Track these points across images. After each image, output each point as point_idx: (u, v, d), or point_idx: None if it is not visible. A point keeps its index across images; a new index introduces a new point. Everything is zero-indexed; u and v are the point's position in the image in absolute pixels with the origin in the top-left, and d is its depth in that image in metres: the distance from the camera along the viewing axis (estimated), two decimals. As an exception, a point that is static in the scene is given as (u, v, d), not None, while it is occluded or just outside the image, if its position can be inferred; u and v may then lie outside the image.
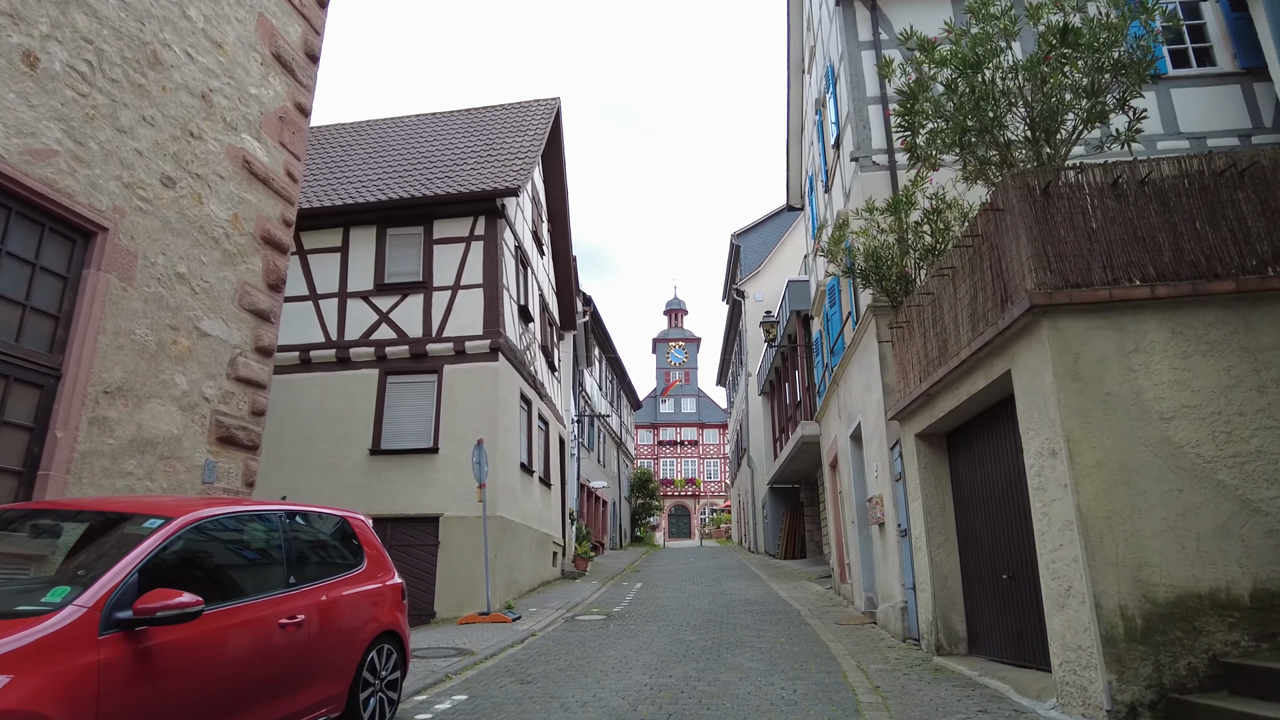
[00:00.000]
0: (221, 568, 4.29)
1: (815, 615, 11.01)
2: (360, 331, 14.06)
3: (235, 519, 4.45)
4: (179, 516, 3.96)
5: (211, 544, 4.20)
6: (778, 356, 22.20)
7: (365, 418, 13.53)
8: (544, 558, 16.40)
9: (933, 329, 7.30)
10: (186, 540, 3.95)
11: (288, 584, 4.55)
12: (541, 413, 17.04)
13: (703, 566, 22.41)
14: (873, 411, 9.59)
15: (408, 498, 12.99)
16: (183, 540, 3.92)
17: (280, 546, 4.64)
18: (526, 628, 10.51)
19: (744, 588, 15.50)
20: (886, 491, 9.03)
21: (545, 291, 18.87)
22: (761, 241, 31.70)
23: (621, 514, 37.29)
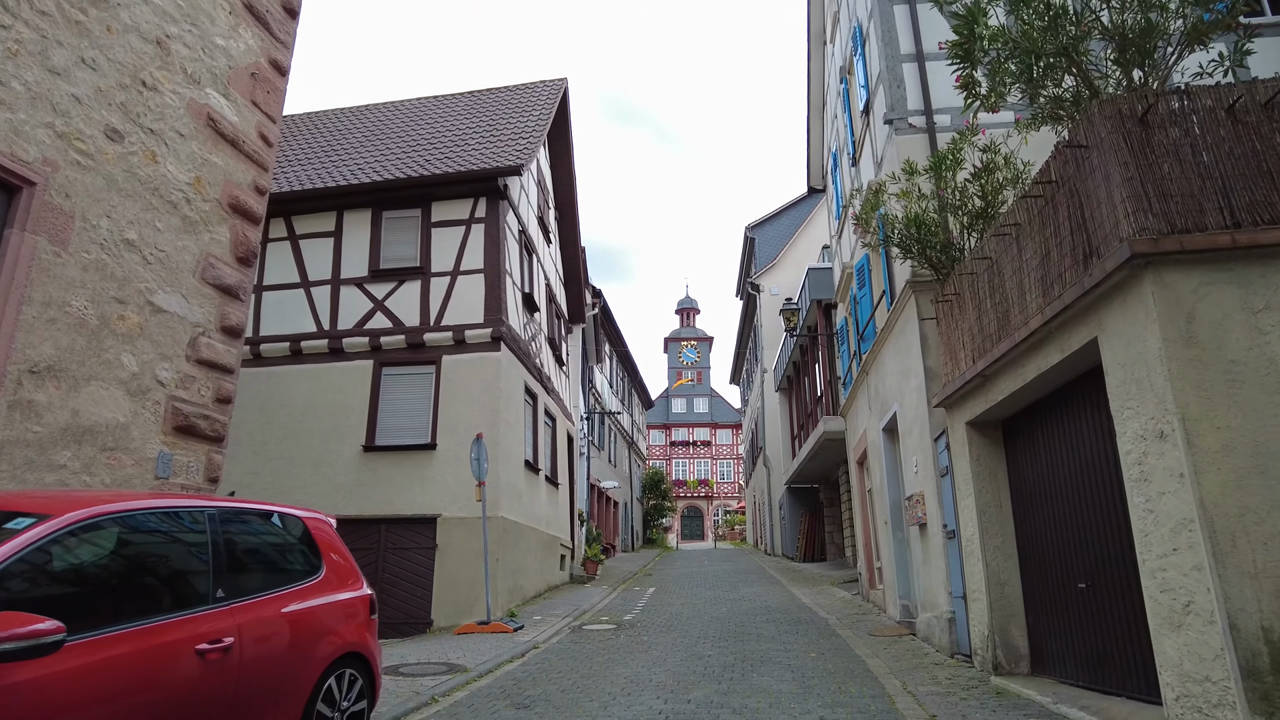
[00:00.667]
0: (116, 580, 3.38)
1: (845, 625, 10.03)
2: (354, 320, 13.20)
3: (143, 518, 3.55)
4: (59, 514, 3.06)
5: (103, 550, 3.30)
6: (796, 349, 21.21)
7: (359, 412, 12.67)
8: (551, 561, 15.49)
9: (989, 300, 6.33)
10: (65, 546, 3.05)
11: (214, 599, 3.65)
12: (548, 408, 16.14)
13: (718, 570, 21.44)
14: (912, 399, 8.62)
15: (403, 497, 12.11)
16: (60, 545, 3.02)
17: (205, 552, 3.74)
18: (529, 639, 9.59)
19: (763, 593, 14.53)
20: (929, 488, 8.06)
21: (552, 282, 17.98)
22: (777, 234, 30.71)
23: (633, 515, 36.36)
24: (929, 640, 8.10)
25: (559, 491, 16.70)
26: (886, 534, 10.35)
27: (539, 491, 14.76)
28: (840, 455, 18.71)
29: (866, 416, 11.47)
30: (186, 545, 3.70)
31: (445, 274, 13.21)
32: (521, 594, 13.07)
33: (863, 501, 12.62)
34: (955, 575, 7.39)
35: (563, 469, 17.39)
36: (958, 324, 7.10)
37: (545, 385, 15.86)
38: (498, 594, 11.63)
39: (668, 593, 15.29)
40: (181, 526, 3.72)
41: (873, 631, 9.29)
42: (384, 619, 11.57)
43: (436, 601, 11.55)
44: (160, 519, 3.64)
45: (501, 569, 11.90)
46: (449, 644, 9.40)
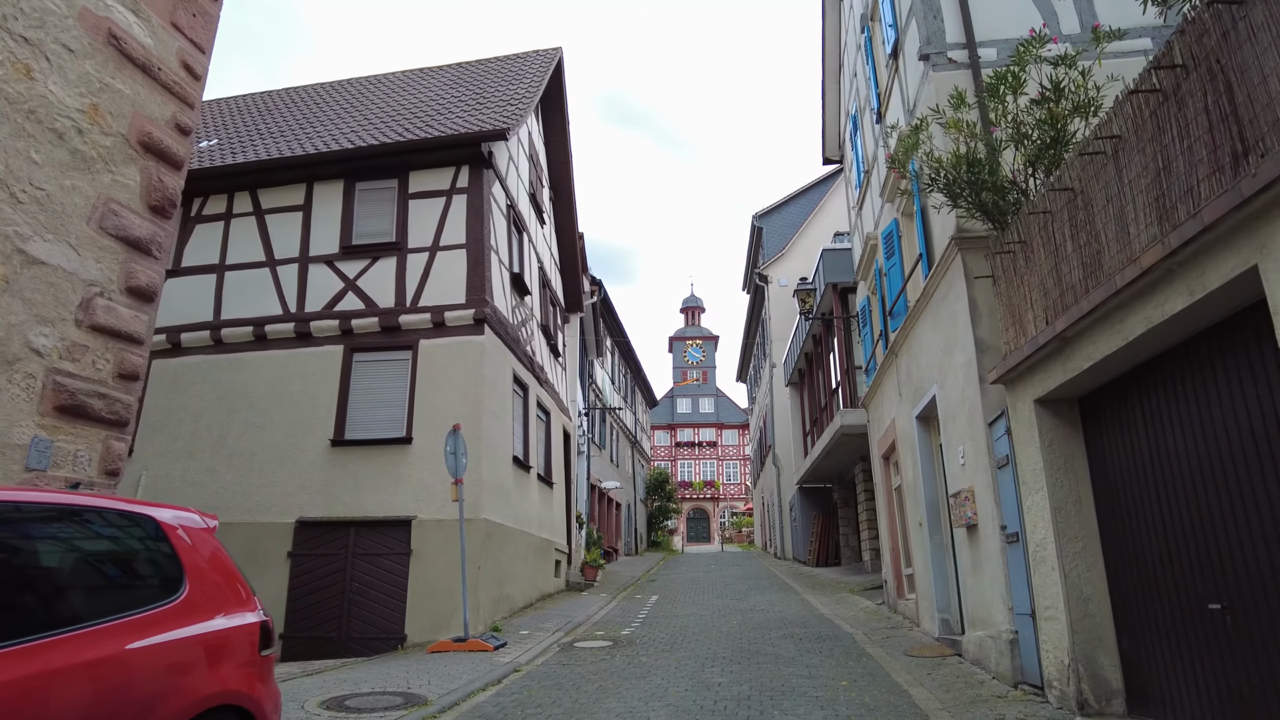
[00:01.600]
0: None
1: (875, 641, 8.71)
2: (323, 302, 11.93)
3: None
4: None
5: None
6: (809, 340, 19.88)
7: (327, 402, 11.39)
8: (544, 567, 14.19)
9: (1072, 241, 5.02)
10: None
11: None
12: (541, 400, 14.85)
13: (726, 575, 20.11)
14: (957, 379, 7.30)
15: (375, 497, 10.83)
16: None
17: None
18: (510, 660, 8.29)
19: (777, 602, 13.20)
20: (981, 482, 6.73)
21: (546, 266, 16.70)
22: (785, 223, 29.39)
23: (637, 517, 35.05)
24: (981, 664, 6.77)
25: (553, 492, 15.40)
26: (920, 537, 9.03)
27: (529, 491, 13.46)
28: (858, 452, 17.39)
29: (895, 404, 10.15)
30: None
31: (423, 250, 11.94)
32: (509, 604, 11.76)
33: (889, 500, 11.29)
34: (1018, 587, 6.06)
35: (558, 467, 16.10)
36: (1023, 280, 5.79)
37: (538, 376, 14.57)
38: (479, 606, 10.34)
39: (672, 602, 13.97)
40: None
41: (909, 651, 7.96)
42: (352, 634, 10.30)
43: (411, 614, 10.27)
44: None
45: (484, 577, 10.61)
46: (416, 665, 8.10)
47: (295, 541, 10.77)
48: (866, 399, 12.45)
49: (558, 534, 15.60)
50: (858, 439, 16.08)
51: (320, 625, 10.37)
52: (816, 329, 18.70)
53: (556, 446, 16.14)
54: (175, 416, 11.68)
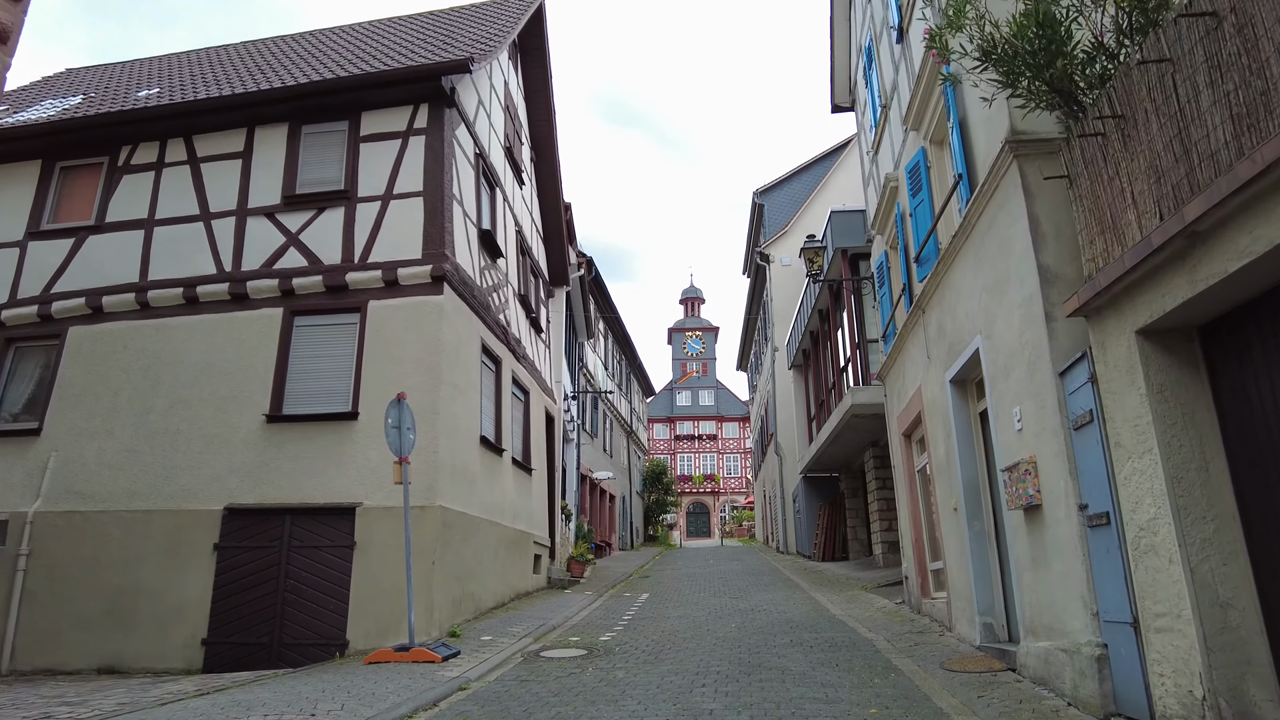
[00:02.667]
0: None
1: (901, 650, 7.21)
2: (262, 259, 10.41)
3: None
4: None
5: None
6: (814, 317, 18.36)
7: (263, 373, 9.89)
8: (519, 563, 12.68)
9: (1211, 91, 3.49)
10: None
11: None
12: (518, 377, 13.33)
13: (725, 570, 18.61)
14: (1012, 322, 5.78)
15: (316, 481, 9.33)
16: None
17: None
18: (458, 674, 6.80)
19: (782, 601, 11.70)
20: (1049, 450, 5.21)
21: (527, 233, 15.17)
22: (788, 199, 27.85)
23: (633, 510, 33.56)
24: (1049, 684, 5.25)
25: (532, 479, 13.89)
26: (956, 524, 7.52)
27: (502, 477, 11.95)
28: (869, 435, 15.89)
29: (921, 370, 8.63)
30: None
31: (375, 199, 10.41)
32: (474, 605, 10.26)
33: (910, 484, 9.78)
34: (1108, 585, 4.55)
35: (538, 452, 14.59)
36: (1119, 170, 4.26)
37: (514, 350, 13.05)
38: (433, 607, 8.84)
39: (664, 601, 12.47)
40: None
41: (947, 664, 6.45)
42: (286, 640, 8.81)
43: (354, 617, 8.77)
44: None
45: (441, 574, 9.10)
46: (341, 682, 6.59)
47: (223, 532, 9.27)
48: (883, 371, 10.92)
49: (537, 526, 14.09)
50: (870, 420, 14.59)
51: (250, 630, 8.88)
52: (823, 302, 17.17)
53: (537, 430, 14.63)
54: (92, 390, 10.19)
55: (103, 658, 9.01)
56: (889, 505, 16.31)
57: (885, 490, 16.42)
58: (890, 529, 16.20)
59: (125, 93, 13.75)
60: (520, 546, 12.71)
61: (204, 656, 8.86)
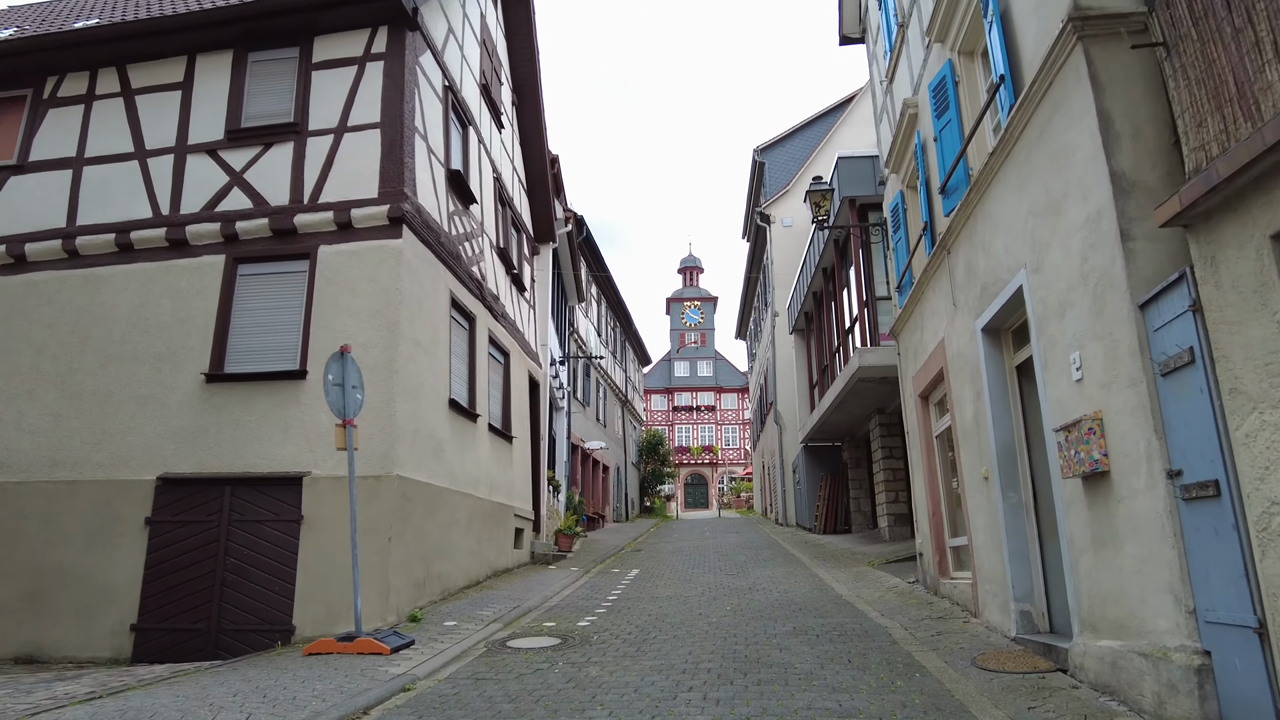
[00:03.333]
0: None
1: (922, 641, 6.21)
2: (203, 201, 9.28)
3: None
4: None
5: None
6: (818, 276, 17.23)
7: (202, 327, 8.80)
8: (497, 537, 11.69)
9: None
10: None
11: None
12: (496, 337, 12.24)
13: (722, 544, 17.68)
14: (1071, 248, 4.68)
15: (260, 447, 8.29)
16: None
17: None
18: (404, 670, 5.80)
19: (782, 579, 10.73)
20: (1123, 402, 4.15)
21: (508, 182, 13.99)
22: (789, 157, 26.57)
23: (628, 481, 32.66)
24: (1118, 694, 4.22)
25: (513, 447, 12.85)
26: (986, 495, 6.49)
27: (475, 444, 10.90)
28: (875, 401, 14.86)
29: (945, 320, 7.54)
30: None
31: (328, 132, 9.25)
32: (441, 585, 9.27)
33: (928, 451, 8.74)
34: (1212, 575, 3.52)
35: (520, 419, 13.54)
36: (1251, 17, 3.14)
37: (491, 307, 11.94)
38: (392, 589, 7.84)
39: (654, 578, 11.50)
40: None
41: (980, 660, 5.44)
42: (225, 626, 7.82)
43: (302, 599, 7.78)
44: None
45: (400, 552, 8.09)
46: (267, 680, 5.59)
47: (156, 504, 8.25)
48: (897, 327, 9.84)
49: (519, 497, 13.09)
50: (877, 385, 13.54)
51: (185, 614, 7.89)
52: (828, 259, 16.04)
53: (519, 395, 13.57)
54: (13, 348, 9.11)
55: (20, 646, 8.02)
56: (896, 475, 15.32)
57: (892, 459, 15.42)
58: (897, 500, 15.23)
59: (61, 25, 12.48)
60: (498, 520, 11.71)
61: (134, 644, 7.88)
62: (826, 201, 11.32)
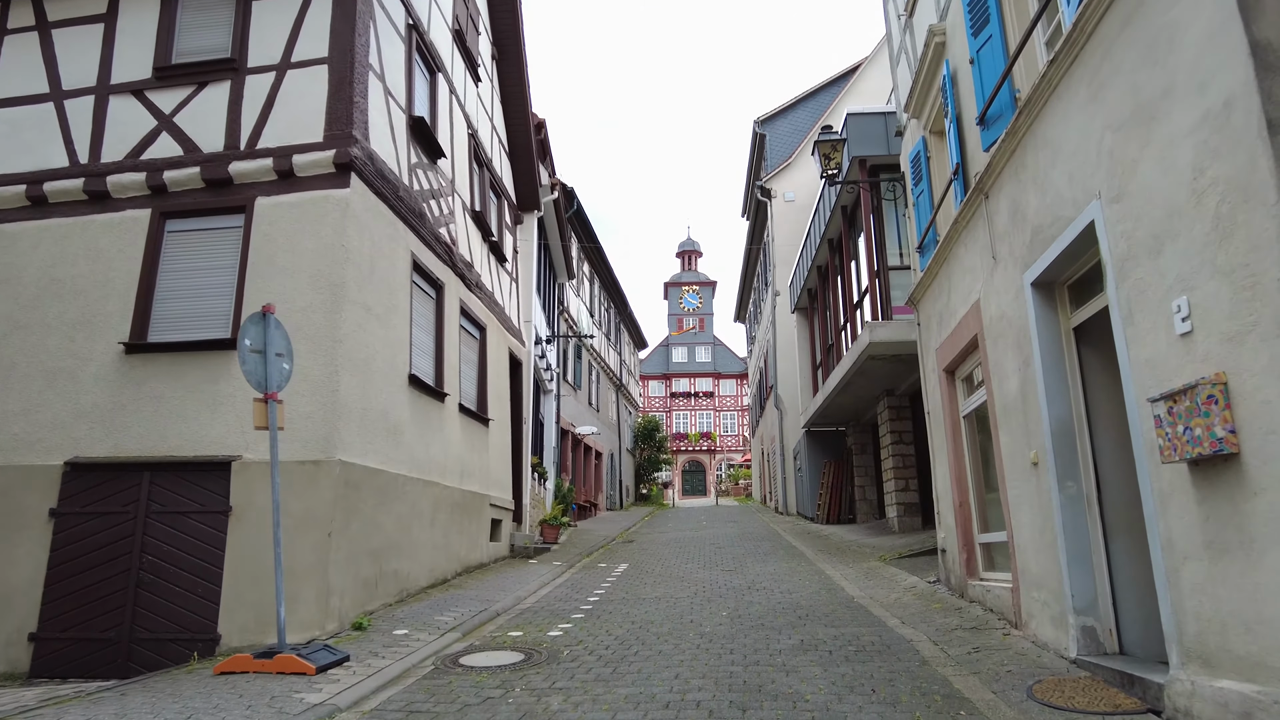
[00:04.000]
0: None
1: (959, 661, 5.13)
2: (127, 148, 8.13)
3: None
4: None
5: None
6: (823, 248, 16.08)
7: (123, 291, 7.68)
8: (470, 529, 10.59)
9: None
10: None
11: None
12: (470, 309, 11.10)
13: (719, 535, 16.62)
14: (1170, 166, 3.57)
15: (184, 427, 7.18)
16: None
17: None
18: (327, 698, 4.71)
19: (785, 576, 9.66)
20: (1258, 360, 3.05)
21: (486, 141, 12.82)
22: (792, 129, 25.35)
23: (622, 468, 31.61)
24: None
25: (489, 432, 11.74)
26: (1035, 484, 5.39)
27: (443, 427, 9.79)
28: (884, 382, 13.76)
29: (982, 279, 6.41)
30: None
31: (269, 69, 8.09)
32: (400, 585, 8.17)
33: (954, 433, 7.63)
34: None
35: (498, 400, 12.43)
36: None
37: (463, 275, 10.80)
38: (333, 592, 6.75)
39: (643, 574, 10.43)
40: None
41: (1038, 691, 4.35)
42: (140, 636, 6.73)
43: (230, 604, 6.69)
44: None
45: (344, 549, 7.00)
46: (153, 709, 4.49)
47: (63, 494, 7.15)
48: (917, 294, 8.71)
49: (496, 486, 11.99)
50: (888, 364, 12.45)
51: (93, 621, 6.80)
52: (834, 230, 14.89)
53: (498, 374, 12.45)
54: (-92, 314, 7.97)
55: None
56: (906, 462, 14.25)
57: (902, 445, 14.34)
58: (907, 489, 14.17)
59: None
60: (471, 511, 10.61)
61: (32, 656, 6.80)
62: (837, 154, 10.16)
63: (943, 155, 7.94)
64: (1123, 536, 4.83)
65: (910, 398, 14.44)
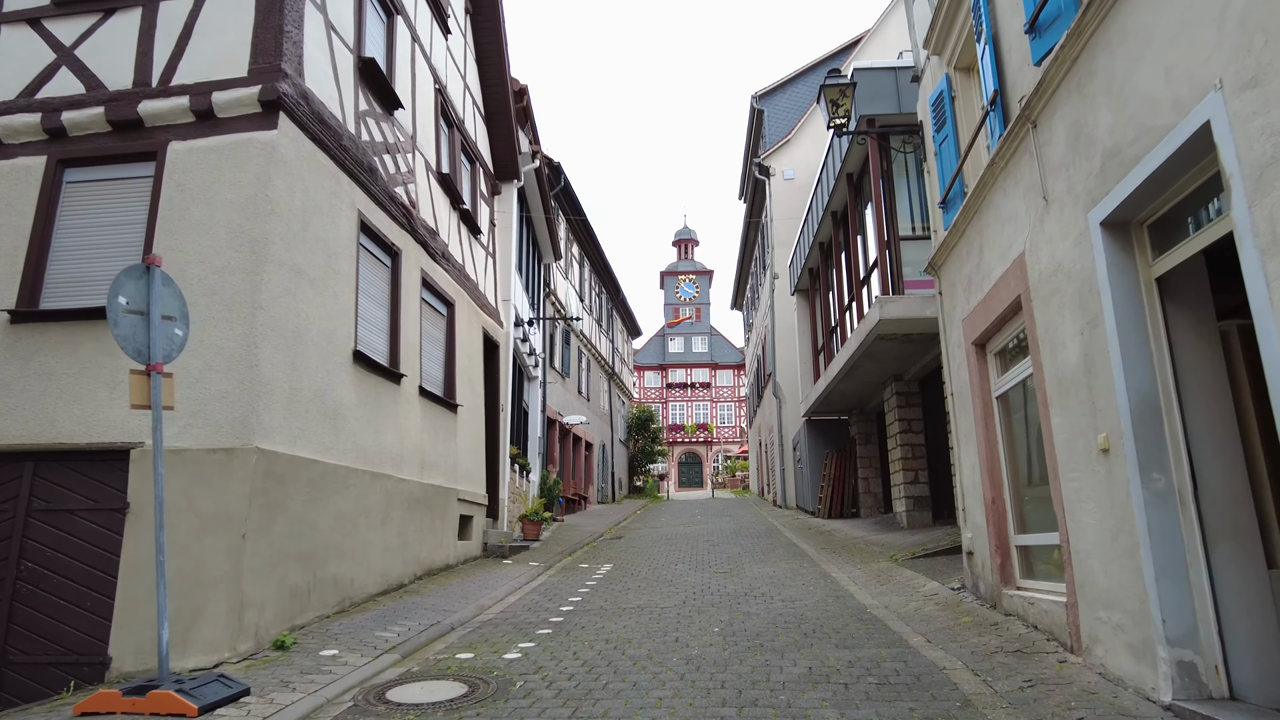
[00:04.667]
0: None
1: (1012, 702, 4.05)
2: (19, 86, 6.99)
3: None
4: None
5: None
6: (826, 222, 14.96)
7: (11, 251, 6.55)
8: (433, 527, 9.48)
9: None
10: None
11: None
12: (434, 281, 9.97)
13: (713, 530, 15.55)
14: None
15: (78, 410, 6.06)
16: None
17: None
18: (191, 756, 3.59)
19: (786, 579, 8.58)
20: None
21: (457, 99, 11.66)
22: (791, 104, 24.19)
23: (614, 460, 30.53)
24: None
25: (458, 418, 10.62)
26: (1106, 476, 4.30)
27: (399, 412, 8.66)
28: (893, 365, 12.68)
29: (1027, 226, 5.29)
30: None
31: (185, -8, 6.93)
32: (340, 593, 7.06)
33: (985, 417, 6.53)
34: None
35: (469, 384, 11.31)
36: None
37: (424, 242, 9.67)
38: (249, 605, 5.64)
39: (627, 577, 9.35)
40: None
41: (1129, 751, 3.25)
42: (14, 659, 5.62)
43: (124, 619, 5.59)
44: None
45: (264, 553, 5.88)
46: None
47: (-67, 489, 6.02)
48: (939, 258, 7.59)
49: (466, 478, 10.88)
50: (898, 344, 11.37)
51: (-38, 640, 5.68)
52: (838, 201, 13.76)
53: (469, 355, 11.33)
54: None
55: None
56: (915, 452, 13.18)
57: (911, 434, 13.27)
58: (917, 481, 13.10)
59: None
60: (434, 507, 9.50)
61: (-115, 682, 5.68)
62: (846, 100, 9.01)
63: (970, 93, 6.82)
64: (1227, 544, 3.75)
65: (920, 383, 13.36)
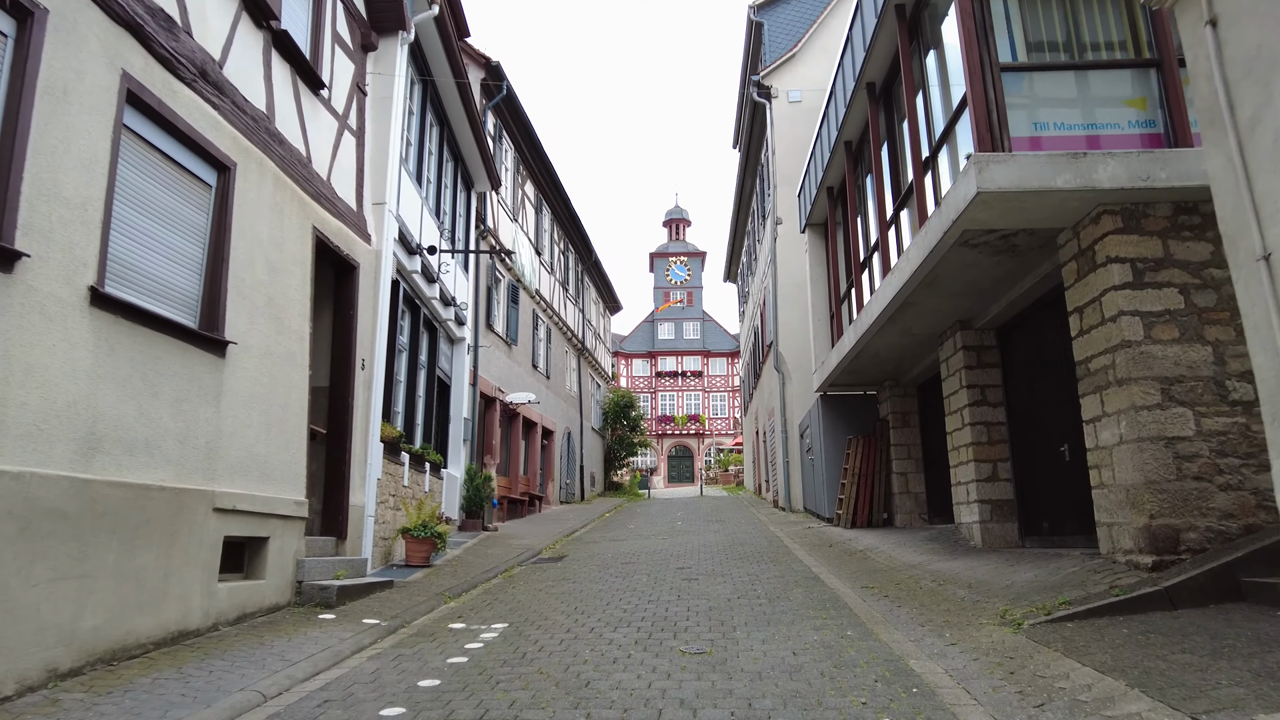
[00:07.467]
0: None
1: None
2: None
3: None
4: None
5: None
6: (858, 99, 10.47)
7: None
8: (135, 566, 4.93)
9: None
10: None
11: None
12: (170, 112, 5.44)
13: (694, 546, 11.11)
14: None
15: None
16: None
17: None
18: None
19: (825, 685, 4.11)
20: None
21: None
22: (796, 16, 19.72)
23: (584, 451, 26.02)
24: None
25: (226, 365, 6.06)
26: None
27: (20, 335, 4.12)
28: (965, 302, 8.31)
29: None
30: None
31: None
32: None
33: None
34: None
35: (269, 312, 6.78)
36: None
37: (151, 38, 5.13)
38: None
39: (510, 667, 4.86)
40: None
41: None
42: None
43: None
44: None
45: None
46: None
47: None
48: None
49: (245, 472, 6.29)
50: (990, 256, 6.98)
51: None
52: (880, 59, 9.28)
53: (272, 266, 6.80)
54: None
55: None
56: (994, 434, 8.82)
57: (987, 407, 8.90)
58: (995, 478, 8.73)
59: None
60: (139, 527, 4.94)
61: None
62: None
63: None
64: None
65: (999, 332, 8.95)
